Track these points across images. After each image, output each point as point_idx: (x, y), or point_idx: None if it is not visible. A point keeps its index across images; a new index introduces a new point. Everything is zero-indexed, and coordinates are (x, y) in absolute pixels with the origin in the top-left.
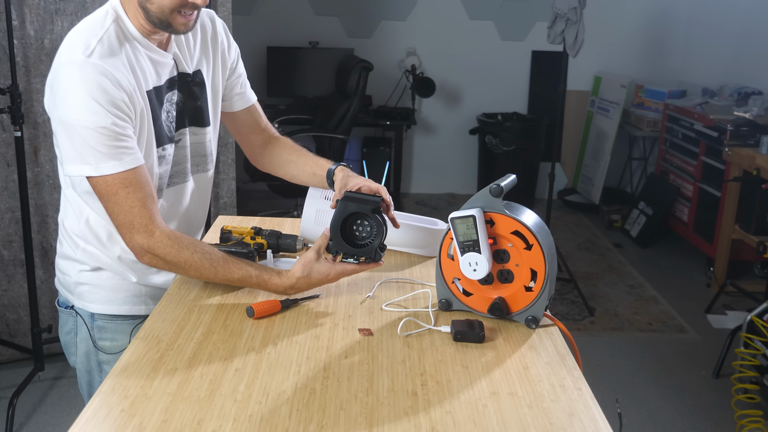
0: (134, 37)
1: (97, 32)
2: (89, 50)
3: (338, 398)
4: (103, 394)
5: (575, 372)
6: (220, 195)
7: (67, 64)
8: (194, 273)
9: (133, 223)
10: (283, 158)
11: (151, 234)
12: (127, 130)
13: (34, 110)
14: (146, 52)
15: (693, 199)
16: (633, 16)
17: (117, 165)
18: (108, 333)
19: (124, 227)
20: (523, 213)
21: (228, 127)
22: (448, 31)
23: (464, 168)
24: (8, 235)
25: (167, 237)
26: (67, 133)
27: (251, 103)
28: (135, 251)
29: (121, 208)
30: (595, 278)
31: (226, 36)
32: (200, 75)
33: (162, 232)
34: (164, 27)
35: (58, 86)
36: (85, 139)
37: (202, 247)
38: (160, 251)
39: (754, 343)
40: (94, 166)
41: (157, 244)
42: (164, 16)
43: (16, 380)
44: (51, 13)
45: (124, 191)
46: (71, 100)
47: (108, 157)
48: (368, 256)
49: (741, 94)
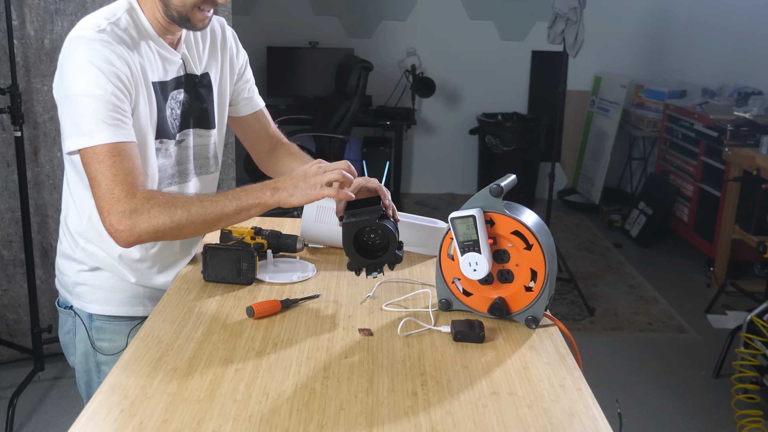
0: (146, 30)
1: (109, 17)
2: (100, 28)
3: (338, 398)
4: (103, 394)
5: (575, 372)
6: None
7: (77, 38)
8: (181, 210)
9: (113, 192)
10: (286, 166)
11: (133, 196)
12: (125, 105)
13: (34, 110)
14: (156, 47)
15: (693, 199)
16: (633, 16)
17: (110, 135)
18: (106, 334)
19: (105, 199)
20: (523, 213)
21: (236, 132)
22: (448, 31)
23: (464, 168)
24: (8, 235)
25: (148, 191)
26: (68, 105)
27: (258, 108)
28: (114, 227)
29: (105, 176)
30: (595, 278)
31: (235, 42)
32: (208, 78)
33: (142, 193)
34: (182, 22)
35: (65, 60)
36: (83, 108)
37: (182, 196)
38: (142, 206)
39: (754, 343)
40: (88, 136)
41: (139, 201)
42: (185, 11)
43: (16, 380)
44: (51, 13)
45: (110, 160)
46: (76, 69)
47: (103, 126)
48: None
49: (741, 94)
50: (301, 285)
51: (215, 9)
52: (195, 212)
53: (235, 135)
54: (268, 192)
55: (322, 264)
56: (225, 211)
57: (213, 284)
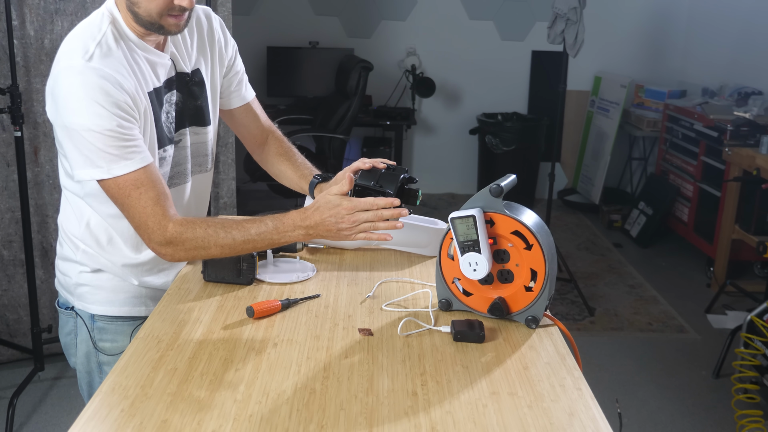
0: (130, 39)
1: (95, 36)
2: (88, 54)
3: (338, 398)
4: (103, 394)
5: (575, 372)
6: (220, 195)
7: (67, 69)
8: (215, 248)
9: (147, 224)
10: (277, 169)
11: (165, 229)
12: (133, 131)
13: (34, 110)
14: (143, 54)
15: (693, 199)
16: (633, 15)
17: (127, 165)
18: (108, 334)
19: (141, 229)
20: (523, 213)
21: (228, 124)
22: (448, 31)
23: (464, 168)
24: (8, 235)
25: (179, 224)
26: (72, 139)
27: (248, 100)
28: (155, 251)
29: (135, 210)
30: (595, 278)
31: (222, 32)
32: (199, 74)
33: (174, 223)
34: (156, 29)
35: (59, 93)
36: (92, 143)
37: (214, 221)
38: (176, 240)
39: (754, 343)
40: (106, 169)
41: (172, 235)
42: (153, 20)
43: (16, 380)
44: (51, 13)
45: (136, 192)
46: (74, 105)
47: (118, 158)
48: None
49: (741, 94)
50: (301, 285)
51: (190, 11)
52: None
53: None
54: (301, 235)
55: (322, 264)
56: (257, 247)
57: (213, 284)
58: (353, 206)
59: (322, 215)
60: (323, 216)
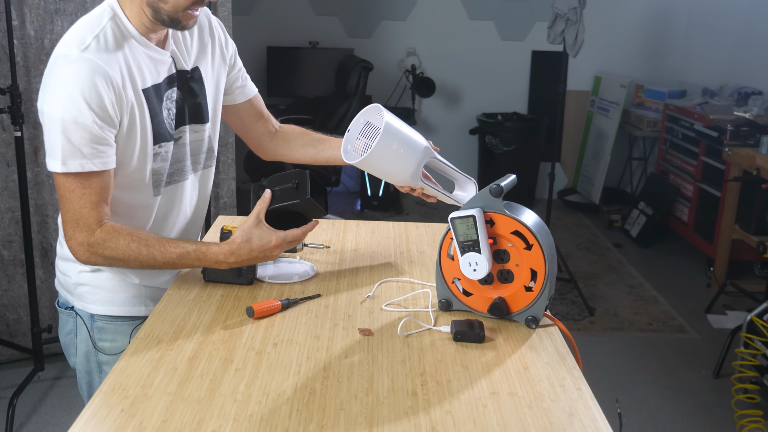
0: (132, 35)
1: (94, 29)
2: (84, 45)
3: (338, 398)
4: (103, 394)
5: (575, 372)
6: (220, 195)
7: (62, 57)
8: (133, 261)
9: (77, 222)
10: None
11: (92, 232)
12: (106, 132)
13: (34, 110)
14: (144, 50)
15: (693, 199)
16: (633, 16)
17: (84, 164)
18: (108, 334)
19: (68, 224)
20: (523, 213)
21: (231, 121)
22: (448, 31)
23: (464, 168)
24: (8, 235)
25: (106, 232)
26: (47, 125)
27: (254, 93)
28: (73, 249)
29: (72, 205)
30: (595, 278)
31: (222, 32)
32: (199, 72)
33: (103, 229)
34: (173, 24)
35: (50, 79)
36: (61, 132)
37: (138, 235)
38: (97, 245)
39: (754, 343)
40: (61, 162)
41: (95, 240)
42: (177, 14)
43: (16, 380)
44: (51, 13)
45: (80, 191)
46: (59, 92)
47: (77, 155)
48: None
49: (741, 94)
50: (301, 285)
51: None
52: (146, 265)
53: (234, 131)
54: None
55: (322, 264)
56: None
57: (213, 284)
58: (282, 239)
59: (251, 251)
60: (252, 251)
